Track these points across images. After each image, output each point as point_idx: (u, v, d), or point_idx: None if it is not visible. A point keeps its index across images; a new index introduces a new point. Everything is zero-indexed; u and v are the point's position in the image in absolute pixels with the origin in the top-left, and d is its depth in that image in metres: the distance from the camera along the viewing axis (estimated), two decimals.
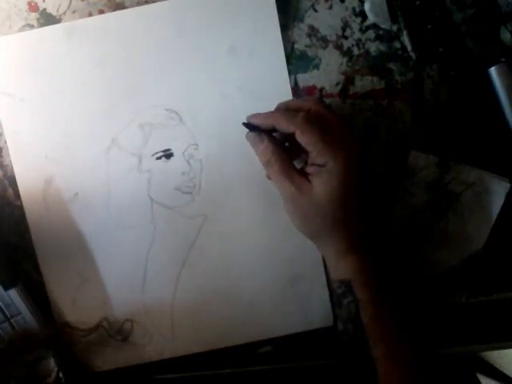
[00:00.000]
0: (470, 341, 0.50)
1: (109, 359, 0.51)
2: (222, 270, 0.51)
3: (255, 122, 0.43)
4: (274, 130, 0.42)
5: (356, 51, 0.50)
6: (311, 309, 0.51)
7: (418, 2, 0.49)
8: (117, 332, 0.50)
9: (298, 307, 0.51)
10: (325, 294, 0.50)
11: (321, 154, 0.40)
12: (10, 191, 0.50)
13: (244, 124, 0.43)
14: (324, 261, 0.50)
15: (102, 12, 0.50)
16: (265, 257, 0.51)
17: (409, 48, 0.49)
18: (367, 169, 0.44)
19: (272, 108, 0.45)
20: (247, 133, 0.44)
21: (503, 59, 0.48)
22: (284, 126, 0.41)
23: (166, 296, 0.50)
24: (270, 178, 0.43)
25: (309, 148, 0.40)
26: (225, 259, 0.50)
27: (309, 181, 0.41)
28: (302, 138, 0.40)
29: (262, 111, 0.44)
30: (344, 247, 0.42)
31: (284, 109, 0.44)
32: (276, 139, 0.43)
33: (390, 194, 0.49)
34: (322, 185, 0.40)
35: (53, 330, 0.48)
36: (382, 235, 0.46)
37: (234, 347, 0.51)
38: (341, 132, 0.41)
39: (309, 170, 0.41)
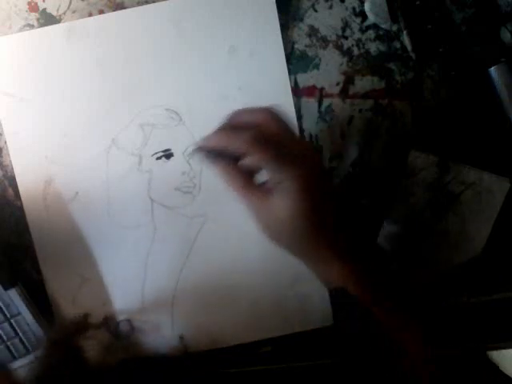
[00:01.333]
0: (469, 340, 0.50)
1: (108, 358, 0.51)
2: (222, 270, 0.51)
3: (206, 146, 0.40)
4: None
5: (356, 51, 0.50)
6: (311, 309, 0.51)
7: (418, 2, 0.49)
8: (117, 331, 0.50)
9: (297, 307, 0.51)
10: (325, 293, 0.50)
11: (274, 173, 0.38)
12: (10, 191, 0.50)
13: (196, 149, 0.40)
14: None
15: (102, 12, 0.50)
16: (265, 257, 0.51)
17: (409, 48, 0.49)
18: (330, 176, 0.43)
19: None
20: (205, 155, 0.41)
21: (503, 59, 0.48)
22: (233, 144, 0.38)
23: (165, 296, 0.50)
24: None
25: (261, 166, 0.39)
26: (225, 259, 0.51)
27: (271, 196, 0.39)
28: (253, 159, 0.38)
29: None
30: (322, 259, 0.41)
31: (231, 126, 0.41)
32: (231, 156, 0.40)
33: (390, 194, 0.49)
34: (281, 201, 0.39)
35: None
36: (364, 238, 0.45)
37: (234, 347, 0.51)
38: (294, 147, 0.39)
39: (268, 185, 0.40)
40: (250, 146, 0.38)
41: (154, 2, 0.50)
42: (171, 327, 0.51)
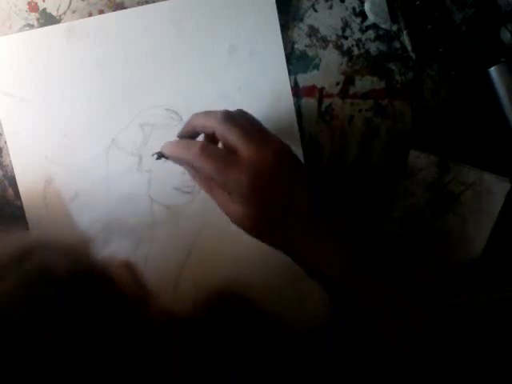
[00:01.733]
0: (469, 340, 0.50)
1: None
2: (222, 270, 0.50)
3: (166, 153, 0.43)
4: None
5: (356, 51, 0.50)
6: (311, 309, 0.50)
7: (418, 2, 0.49)
8: None
9: (297, 307, 0.51)
10: (325, 293, 0.50)
11: (221, 183, 0.40)
12: (10, 191, 0.50)
13: (157, 155, 0.44)
14: None
15: (102, 12, 0.50)
16: (265, 257, 0.50)
17: (409, 48, 0.49)
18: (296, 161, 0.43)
19: (272, 107, 0.45)
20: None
21: (503, 59, 0.48)
22: (184, 158, 0.41)
23: (165, 296, 0.50)
24: None
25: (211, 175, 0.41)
26: (225, 259, 0.50)
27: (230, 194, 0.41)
28: (201, 170, 0.41)
29: (261, 111, 0.44)
30: (293, 250, 0.42)
31: (186, 132, 0.44)
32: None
33: (390, 194, 0.49)
34: (237, 204, 0.40)
35: None
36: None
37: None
38: (243, 147, 0.39)
39: None
40: (197, 159, 0.39)
41: (154, 1, 0.50)
42: None
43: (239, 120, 0.41)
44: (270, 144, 0.40)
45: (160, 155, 0.44)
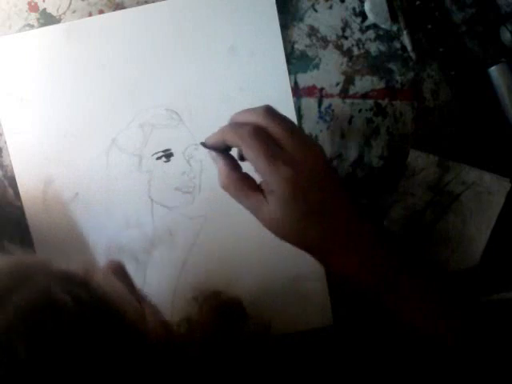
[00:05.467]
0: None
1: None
2: (222, 270, 0.51)
3: (209, 142, 0.41)
4: (229, 148, 0.41)
5: (356, 51, 0.50)
6: (311, 309, 0.51)
7: (418, 2, 0.49)
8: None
9: (297, 307, 0.51)
10: (325, 293, 0.50)
11: (262, 173, 0.38)
12: (10, 191, 0.50)
13: (202, 144, 0.42)
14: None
15: (101, 12, 0.50)
16: (265, 257, 0.51)
17: (409, 48, 0.49)
18: (333, 169, 0.43)
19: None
20: (208, 151, 0.42)
21: (503, 59, 0.48)
22: (231, 140, 0.39)
23: (166, 296, 0.50)
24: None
25: (253, 165, 0.38)
26: (225, 259, 0.50)
27: (264, 196, 0.39)
28: (247, 154, 0.38)
29: None
30: (326, 253, 0.40)
31: (233, 122, 0.41)
32: (232, 157, 0.42)
33: (390, 194, 0.49)
34: (274, 205, 0.38)
35: None
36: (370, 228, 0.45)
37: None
38: (286, 142, 0.38)
39: (262, 185, 0.40)
40: (246, 139, 0.38)
41: (153, 1, 0.50)
42: None
43: (282, 116, 0.39)
44: (313, 146, 0.39)
45: (204, 147, 0.42)
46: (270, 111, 0.39)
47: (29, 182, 0.50)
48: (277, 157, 0.37)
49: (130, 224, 0.50)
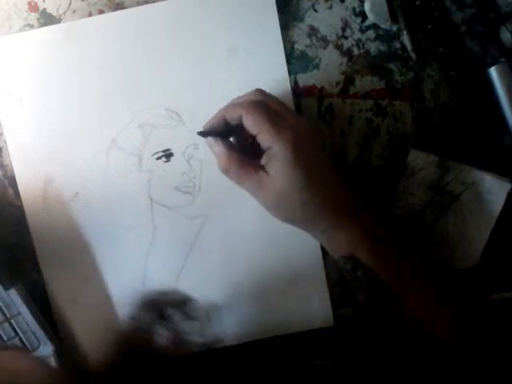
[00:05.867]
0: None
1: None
2: (222, 271, 0.51)
3: (208, 125, 0.44)
4: (228, 133, 0.43)
5: (356, 51, 0.50)
6: (311, 309, 0.51)
7: (418, 2, 0.49)
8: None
9: (298, 307, 0.51)
10: (325, 293, 0.50)
11: (265, 137, 0.40)
12: (10, 191, 0.50)
13: (199, 133, 0.44)
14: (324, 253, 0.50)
15: (101, 12, 0.50)
16: (265, 257, 0.51)
17: (409, 48, 0.49)
18: (324, 144, 0.47)
19: None
20: (206, 140, 0.44)
21: (503, 59, 0.48)
22: (232, 113, 0.42)
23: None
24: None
25: (253, 130, 0.40)
26: (225, 259, 0.50)
27: (266, 172, 0.41)
28: (248, 120, 0.40)
29: None
30: (328, 225, 0.41)
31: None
32: (231, 142, 0.44)
33: (390, 194, 0.49)
34: (277, 173, 0.40)
35: None
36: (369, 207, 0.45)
37: (234, 347, 0.51)
38: (284, 114, 0.41)
39: (262, 160, 0.41)
40: (247, 106, 0.41)
41: (154, 1, 0.50)
42: None
43: (272, 95, 0.44)
44: (304, 119, 0.45)
45: (204, 134, 0.44)
46: (262, 91, 0.43)
47: (29, 181, 0.50)
48: (279, 121, 0.40)
49: (129, 224, 0.50)
